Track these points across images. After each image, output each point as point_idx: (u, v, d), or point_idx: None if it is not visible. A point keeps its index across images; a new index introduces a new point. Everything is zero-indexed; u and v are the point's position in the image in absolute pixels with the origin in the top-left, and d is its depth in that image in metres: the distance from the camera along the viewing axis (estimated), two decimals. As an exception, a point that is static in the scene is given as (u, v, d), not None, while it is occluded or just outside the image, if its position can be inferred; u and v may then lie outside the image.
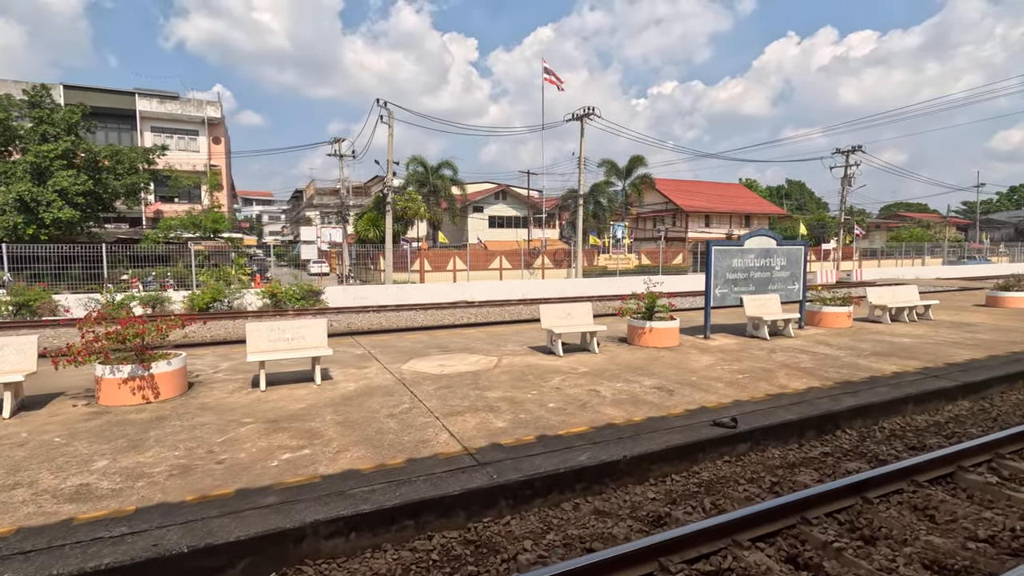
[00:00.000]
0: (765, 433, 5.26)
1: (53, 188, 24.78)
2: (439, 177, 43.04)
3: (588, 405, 5.80)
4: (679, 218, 53.25)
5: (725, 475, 4.71)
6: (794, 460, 5.06)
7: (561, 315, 8.77)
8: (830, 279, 34.65)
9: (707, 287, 9.70)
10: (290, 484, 3.93)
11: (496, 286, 26.21)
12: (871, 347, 8.98)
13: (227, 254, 33.35)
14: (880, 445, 5.41)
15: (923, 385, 6.62)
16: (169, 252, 30.08)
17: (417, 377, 7.08)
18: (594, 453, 4.53)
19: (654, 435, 4.95)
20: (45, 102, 26.91)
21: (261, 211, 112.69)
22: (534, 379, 6.94)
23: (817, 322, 11.24)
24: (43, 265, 23.83)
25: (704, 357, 8.26)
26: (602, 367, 7.59)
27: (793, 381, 6.83)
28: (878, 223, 68.74)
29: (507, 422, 5.27)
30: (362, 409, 5.67)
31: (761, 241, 10.19)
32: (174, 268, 28.07)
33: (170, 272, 27.73)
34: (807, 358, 8.16)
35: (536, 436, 4.91)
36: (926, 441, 5.52)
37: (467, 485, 3.93)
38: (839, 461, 5.03)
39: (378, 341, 10.15)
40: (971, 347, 8.97)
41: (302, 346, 6.82)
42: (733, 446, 5.09)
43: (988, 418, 6.21)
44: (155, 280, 27.26)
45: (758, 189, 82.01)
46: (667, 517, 3.99)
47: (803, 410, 5.69)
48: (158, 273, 27.70)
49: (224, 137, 42.38)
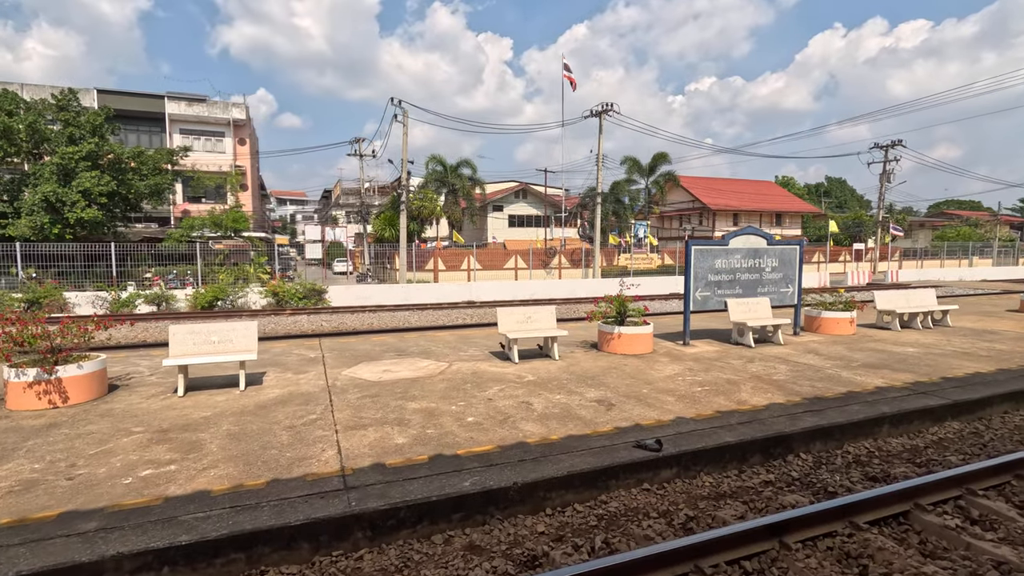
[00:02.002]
0: (697, 457, 4.65)
1: (77, 189, 25.54)
2: (458, 176, 42.82)
3: (510, 420, 5.29)
4: (706, 217, 51.62)
5: (637, 506, 4.14)
6: (727, 490, 4.44)
7: (521, 319, 8.26)
8: (862, 280, 32.81)
9: (686, 290, 9.01)
10: (126, 507, 3.57)
11: (505, 286, 25.74)
12: (864, 357, 8.13)
13: (246, 253, 33.97)
14: (835, 474, 4.73)
15: (903, 403, 5.84)
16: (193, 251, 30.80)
17: (350, 384, 6.69)
18: (483, 478, 4.03)
19: (563, 457, 4.41)
20: (72, 105, 27.78)
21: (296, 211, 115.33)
22: (471, 388, 6.46)
23: (816, 328, 10.37)
24: (69, 263, 24.62)
25: (672, 366, 7.61)
26: (552, 376, 7.04)
27: (756, 396, 6.15)
28: (922, 222, 65.15)
29: (409, 438, 4.82)
30: (266, 419, 5.31)
31: (749, 240, 9.41)
32: (194, 266, 28.68)
33: (190, 270, 28.31)
34: (785, 369, 7.41)
35: (431, 456, 4.44)
36: (892, 470, 4.79)
37: (315, 514, 3.50)
38: (779, 493, 4.38)
39: (341, 344, 9.83)
40: (981, 359, 8.03)
41: (229, 350, 6.52)
42: (656, 472, 4.50)
43: (978, 444, 5.40)
44: (176, 278, 27.93)
45: (795, 187, 78.81)
46: (543, 558, 3.47)
47: (750, 431, 5.03)
48: (179, 271, 28.35)
49: (250, 138, 43.20)
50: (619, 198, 44.05)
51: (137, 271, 27.25)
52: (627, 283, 9.03)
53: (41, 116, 26.93)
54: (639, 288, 10.14)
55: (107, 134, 28.31)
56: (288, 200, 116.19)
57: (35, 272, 23.60)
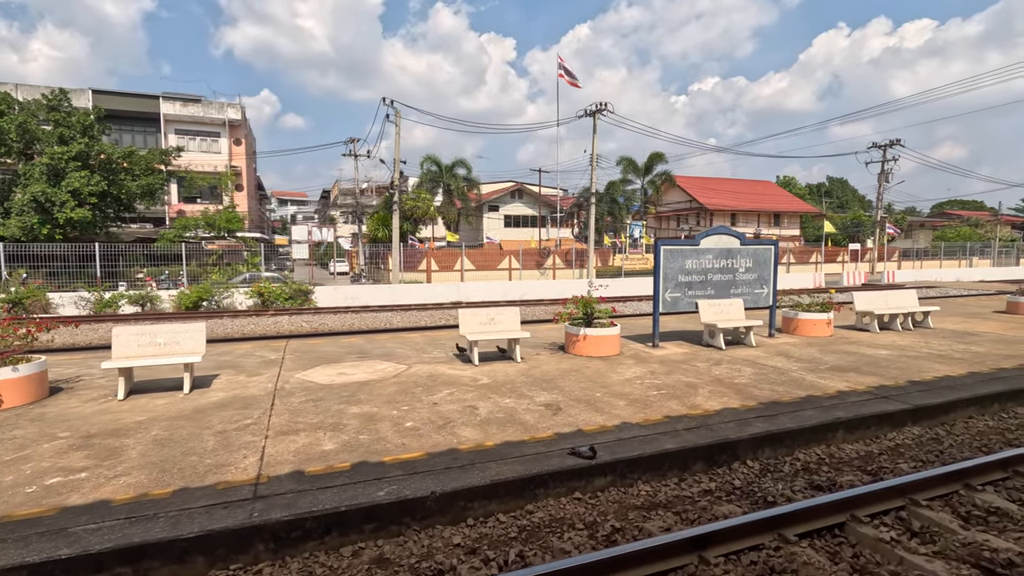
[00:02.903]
0: (634, 465, 4.48)
1: (66, 189, 25.45)
2: (453, 176, 42.68)
3: (449, 425, 5.13)
4: (703, 217, 51.37)
5: (564, 517, 3.97)
6: (663, 499, 4.27)
7: (483, 321, 8.10)
8: (858, 281, 32.53)
9: (655, 291, 8.83)
10: (16, 518, 3.42)
11: (495, 287, 25.57)
12: (835, 360, 7.94)
13: (239, 253, 33.91)
14: (780, 482, 4.55)
15: (861, 408, 5.66)
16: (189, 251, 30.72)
17: (299, 387, 6.54)
18: (401, 487, 3.87)
19: (492, 465, 4.25)
20: (63, 106, 27.71)
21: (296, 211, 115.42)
22: (420, 392, 6.30)
23: (793, 330, 10.17)
24: (62, 264, 24.52)
25: (635, 369, 7.44)
26: (509, 379, 6.88)
27: (711, 400, 5.97)
28: (922, 222, 64.70)
29: (339, 444, 4.66)
30: (199, 424, 5.16)
31: (721, 240, 9.23)
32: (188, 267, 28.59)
33: (181, 271, 28.21)
34: (750, 372, 7.23)
35: (355, 463, 4.28)
36: (840, 478, 4.61)
37: (212, 525, 3.35)
38: (715, 503, 4.21)
39: (309, 345, 9.68)
40: (955, 361, 7.83)
41: (176, 351, 6.38)
42: (589, 480, 4.33)
43: (935, 450, 5.22)
44: (168, 278, 27.84)
45: (796, 187, 78.29)
46: (450, 572, 3.31)
47: (694, 437, 4.86)
48: (171, 271, 28.26)
49: (246, 139, 43.14)
50: (615, 198, 43.85)
51: (130, 271, 27.18)
52: (596, 284, 8.85)
53: (34, 116, 26.89)
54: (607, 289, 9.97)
55: (98, 134, 28.23)
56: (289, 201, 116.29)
57: (26, 273, 23.54)
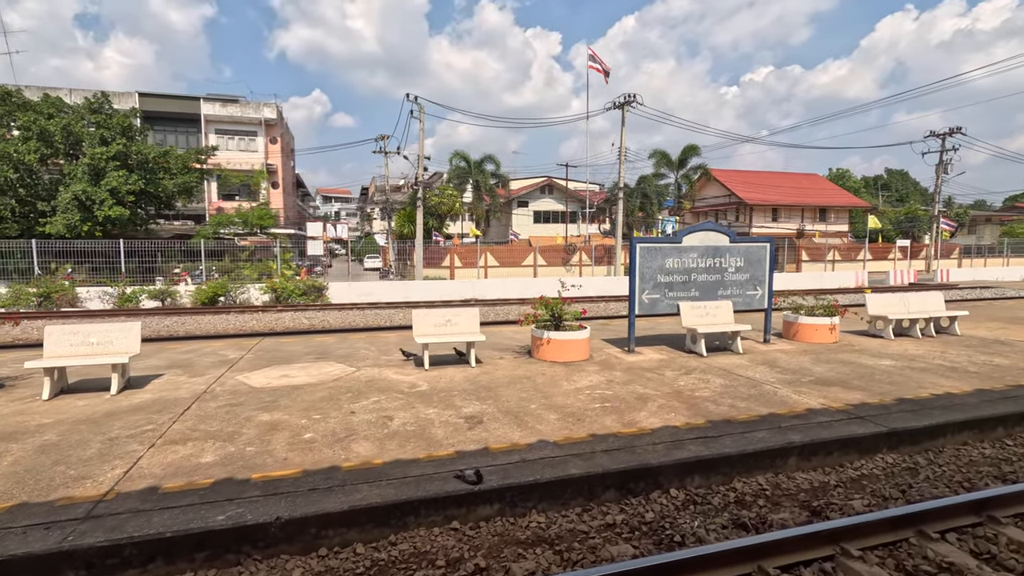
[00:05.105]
0: (527, 492, 3.98)
1: (105, 187, 26.64)
2: (481, 172, 42.43)
3: (348, 439, 4.76)
4: (743, 212, 49.18)
5: (428, 551, 3.53)
6: (553, 533, 3.76)
7: (439, 322, 7.71)
8: (905, 280, 30.25)
9: (631, 292, 8.19)
10: None
11: (512, 284, 25.09)
12: (824, 371, 7.12)
13: (271, 249, 34.78)
14: (699, 517, 3.95)
15: (823, 432, 4.93)
16: (223, 247, 31.69)
17: (230, 390, 6.33)
18: (247, 510, 3.52)
19: (363, 487, 3.85)
20: (104, 108, 29.02)
21: (340, 208, 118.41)
22: (347, 399, 5.96)
23: (793, 335, 9.29)
24: (103, 259, 25.75)
25: (593, 377, 6.87)
26: (450, 386, 6.46)
27: (655, 417, 5.37)
28: (988, 216, 59.85)
29: (219, 457, 4.37)
30: (99, 428, 4.99)
31: (707, 237, 8.48)
32: (222, 262, 29.48)
33: (215, 266, 29.09)
34: (719, 384, 6.53)
35: (220, 479, 3.97)
36: (774, 515, 3.97)
37: (17, 550, 3.09)
38: (611, 540, 3.67)
39: (277, 344, 9.55)
40: (965, 376, 6.87)
41: (109, 351, 6.28)
42: (472, 509, 3.86)
43: (904, 484, 4.47)
44: (202, 274, 28.81)
45: (850, 180, 73.99)
46: (262, 615, 2.94)
47: (608, 461, 4.31)
48: (205, 267, 29.19)
49: (282, 137, 44.26)
50: (647, 193, 42.51)
51: (167, 267, 28.26)
52: (567, 284, 8.30)
53: (82, 119, 28.27)
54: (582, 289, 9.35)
55: (136, 135, 29.45)
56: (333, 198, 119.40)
57: (71, 267, 24.85)
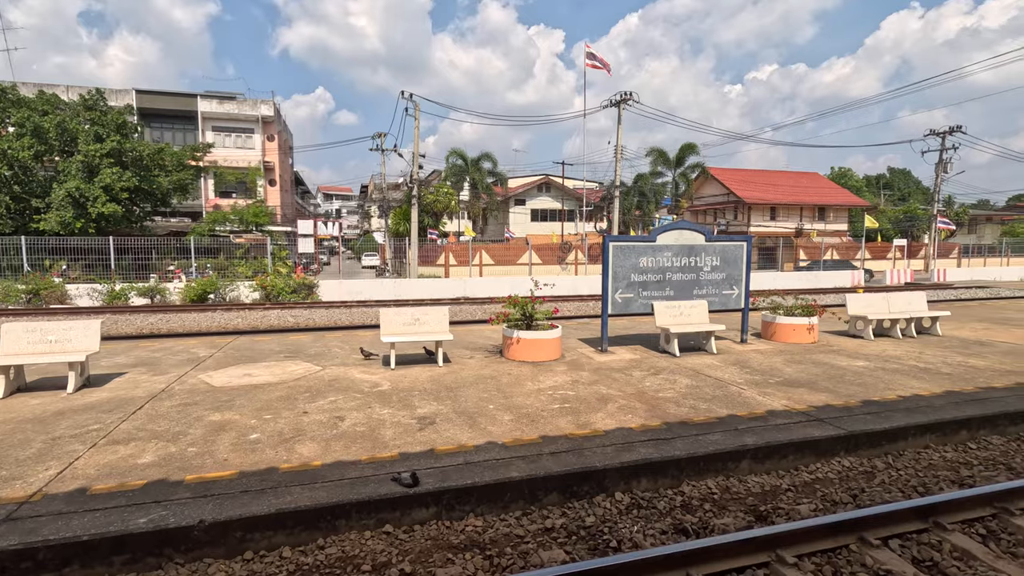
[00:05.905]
0: (464, 495, 3.90)
1: (99, 184, 26.58)
2: (478, 170, 42.34)
3: (295, 440, 4.68)
4: (741, 211, 48.97)
5: (356, 555, 3.46)
6: (488, 538, 3.68)
7: (408, 321, 7.64)
8: (901, 280, 30.07)
9: (604, 292, 8.10)
10: None
11: (504, 282, 24.96)
12: (795, 372, 7.03)
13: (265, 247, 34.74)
14: (640, 522, 3.87)
15: (778, 434, 4.84)
16: (219, 245, 31.60)
17: (188, 389, 6.27)
18: (171, 512, 3.45)
19: (296, 489, 3.77)
20: (99, 105, 28.95)
21: (341, 206, 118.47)
22: (304, 399, 5.89)
23: (771, 335, 9.20)
24: (97, 256, 25.70)
25: (559, 377, 6.79)
26: (411, 386, 6.38)
27: (611, 418, 5.29)
28: (989, 215, 59.50)
29: (159, 457, 4.30)
30: (43, 428, 4.93)
31: (681, 236, 8.38)
32: (217, 259, 29.40)
33: (210, 264, 29.02)
34: (685, 384, 6.45)
35: (153, 481, 3.89)
36: (717, 520, 3.89)
37: (-75, 553, 3.03)
38: (545, 545, 3.59)
39: (251, 342, 9.49)
40: (937, 377, 6.77)
41: (67, 349, 6.22)
42: (406, 512, 3.79)
43: (857, 489, 4.38)
44: (197, 271, 28.75)
45: (851, 178, 73.60)
46: (170, 621, 2.87)
47: (552, 463, 4.23)
48: (199, 264, 29.14)
49: (279, 134, 44.19)
50: (643, 191, 42.36)
51: (161, 264, 28.21)
52: (540, 283, 8.21)
53: (77, 116, 28.18)
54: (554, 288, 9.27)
55: (131, 132, 29.37)
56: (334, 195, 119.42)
57: (66, 264, 24.84)
